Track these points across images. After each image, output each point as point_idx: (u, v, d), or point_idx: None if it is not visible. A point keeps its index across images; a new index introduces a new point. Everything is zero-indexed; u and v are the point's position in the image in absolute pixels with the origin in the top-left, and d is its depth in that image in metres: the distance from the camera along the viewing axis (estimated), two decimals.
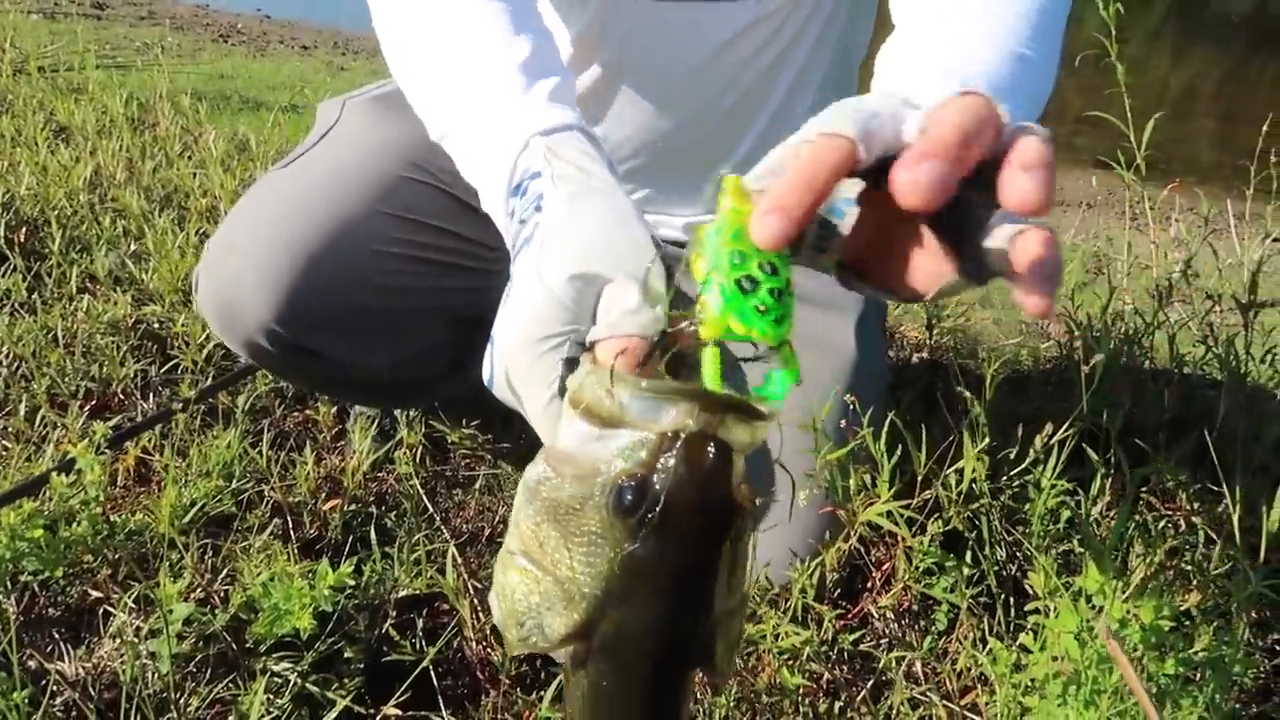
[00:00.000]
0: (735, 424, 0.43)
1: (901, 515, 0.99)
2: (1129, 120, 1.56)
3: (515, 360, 0.53)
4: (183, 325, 1.53)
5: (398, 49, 0.77)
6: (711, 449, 0.42)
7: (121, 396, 1.41)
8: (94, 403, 1.38)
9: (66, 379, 1.39)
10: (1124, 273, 1.82)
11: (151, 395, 1.43)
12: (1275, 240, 3.65)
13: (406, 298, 1.06)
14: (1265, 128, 1.95)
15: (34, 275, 1.67)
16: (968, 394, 1.14)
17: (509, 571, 0.47)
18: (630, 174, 1.09)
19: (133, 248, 1.80)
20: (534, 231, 0.57)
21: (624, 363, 0.46)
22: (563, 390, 0.50)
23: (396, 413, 1.38)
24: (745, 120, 1.07)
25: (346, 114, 1.12)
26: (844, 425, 1.01)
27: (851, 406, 1.00)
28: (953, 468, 1.04)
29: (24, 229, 1.81)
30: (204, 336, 1.50)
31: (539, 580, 0.46)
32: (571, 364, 0.50)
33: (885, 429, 1.01)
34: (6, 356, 1.41)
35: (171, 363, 1.48)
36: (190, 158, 2.32)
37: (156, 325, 1.57)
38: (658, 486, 0.42)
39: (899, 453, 1.01)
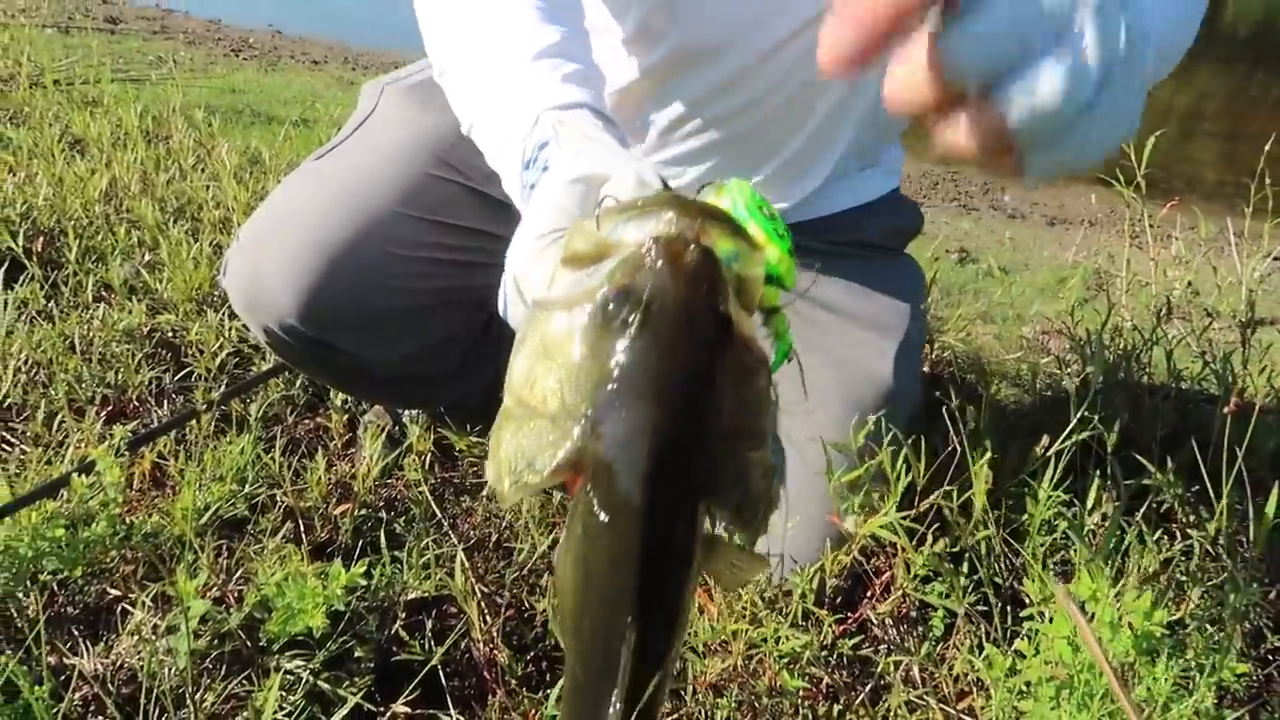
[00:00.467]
0: (720, 233, 0.43)
1: (901, 525, 1.02)
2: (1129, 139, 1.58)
3: (520, 265, 0.54)
4: (196, 334, 1.55)
5: (436, 45, 0.80)
6: (693, 249, 0.42)
7: (136, 403, 1.44)
8: (110, 409, 1.40)
9: (83, 385, 1.42)
10: (1123, 289, 1.84)
11: (165, 402, 1.46)
12: (1277, 259, 3.68)
13: (428, 297, 1.09)
14: (1267, 147, 1.97)
15: (51, 284, 1.70)
16: (970, 407, 1.17)
17: (502, 428, 0.46)
18: (691, 154, 1.10)
19: (147, 258, 1.83)
20: None
21: (610, 207, 0.46)
22: None
23: (405, 421, 1.41)
24: (803, 110, 1.06)
25: (383, 103, 1.14)
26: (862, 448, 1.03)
27: (872, 429, 1.02)
28: (955, 484, 1.05)
29: (41, 239, 1.85)
30: (217, 345, 1.53)
31: (530, 422, 0.44)
32: None
33: (902, 455, 1.02)
34: (25, 363, 1.44)
35: (185, 370, 1.51)
36: (203, 170, 2.35)
37: (170, 334, 1.60)
38: (642, 287, 0.42)
39: (909, 474, 1.02)
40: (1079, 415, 1.37)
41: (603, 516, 0.43)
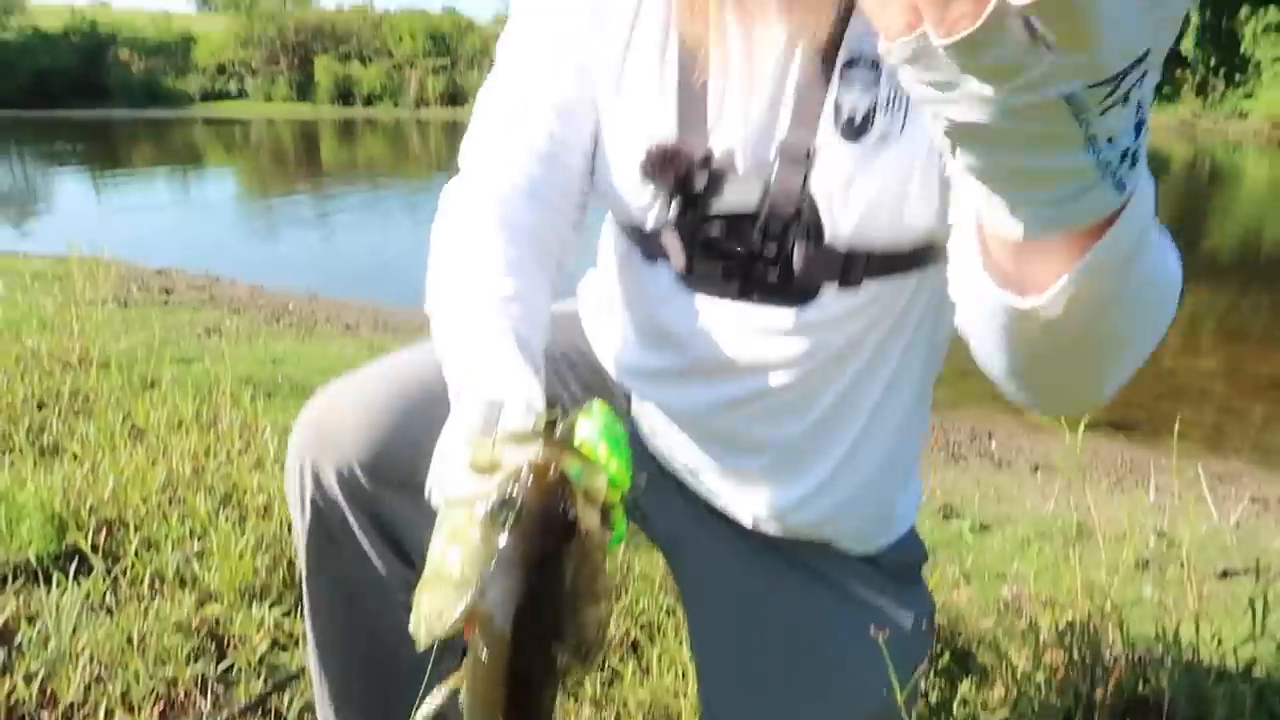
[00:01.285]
0: (571, 459, 0.63)
1: None
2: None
3: (442, 466, 0.74)
4: (240, 626, 1.73)
5: (429, 288, 1.01)
6: (553, 472, 0.62)
7: (184, 696, 1.60)
8: (162, 703, 1.56)
9: (140, 682, 1.58)
10: (1075, 544, 1.99)
11: (209, 692, 1.61)
12: (1254, 500, 3.81)
13: None
14: (1181, 424, 2.14)
15: (112, 577, 1.89)
16: (939, 678, 1.29)
17: (422, 590, 0.64)
18: (669, 445, 1.18)
19: (196, 546, 2.02)
20: None
21: (502, 433, 0.68)
22: None
23: None
24: (800, 399, 1.09)
25: None
26: None
27: None
28: None
29: (103, 531, 2.06)
30: (258, 637, 1.70)
31: (441, 587, 0.63)
32: None
33: None
34: (90, 660, 1.61)
35: (227, 663, 1.67)
36: (246, 454, 2.58)
37: (215, 623, 1.77)
38: (516, 498, 0.62)
39: None
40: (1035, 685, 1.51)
41: (484, 653, 0.63)
